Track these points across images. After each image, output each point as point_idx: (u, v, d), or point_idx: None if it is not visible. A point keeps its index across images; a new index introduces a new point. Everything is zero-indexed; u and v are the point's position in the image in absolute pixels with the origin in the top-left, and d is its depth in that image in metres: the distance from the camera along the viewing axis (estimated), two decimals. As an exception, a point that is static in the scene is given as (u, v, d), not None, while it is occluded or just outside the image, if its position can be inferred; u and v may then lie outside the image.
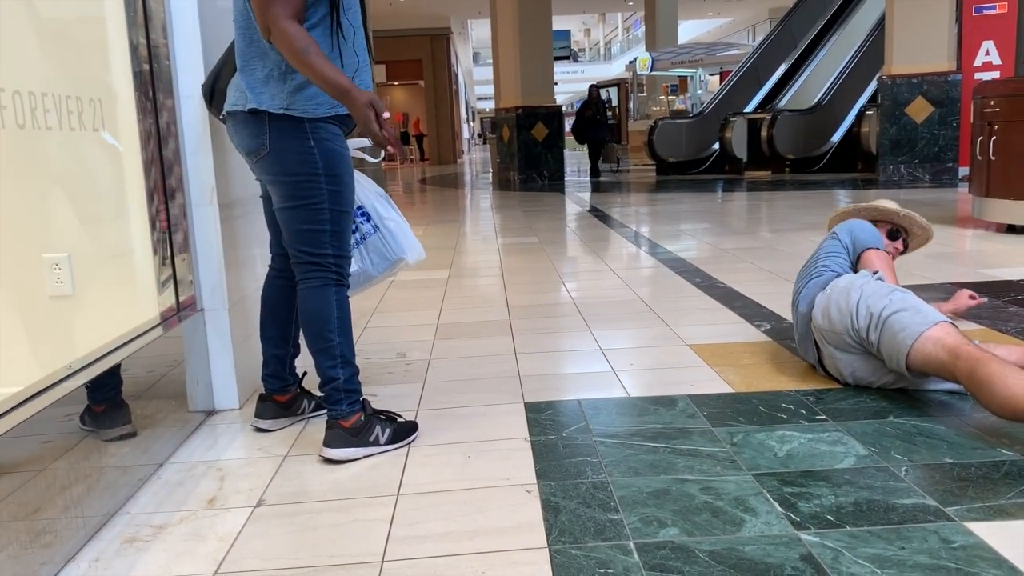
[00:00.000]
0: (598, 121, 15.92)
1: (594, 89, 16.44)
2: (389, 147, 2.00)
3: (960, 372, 2.17)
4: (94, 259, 2.24)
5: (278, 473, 2.11)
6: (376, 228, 2.51)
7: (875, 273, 2.62)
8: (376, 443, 2.19)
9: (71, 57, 2.15)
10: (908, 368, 2.34)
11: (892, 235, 3.04)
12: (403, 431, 2.27)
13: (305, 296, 2.17)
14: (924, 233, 3.09)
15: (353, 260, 2.42)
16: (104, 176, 2.33)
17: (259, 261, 2.95)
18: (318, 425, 2.35)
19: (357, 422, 2.17)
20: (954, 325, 2.32)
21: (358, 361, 2.26)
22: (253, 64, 2.08)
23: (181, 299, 2.49)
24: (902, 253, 3.08)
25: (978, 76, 9.51)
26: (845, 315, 2.51)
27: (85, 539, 1.77)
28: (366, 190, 2.50)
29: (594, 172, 15.76)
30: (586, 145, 16.32)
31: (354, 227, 2.44)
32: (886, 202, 3.11)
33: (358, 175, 2.40)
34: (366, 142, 2.37)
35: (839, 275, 2.69)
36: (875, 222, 3.03)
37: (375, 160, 2.47)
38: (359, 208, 2.48)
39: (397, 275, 2.58)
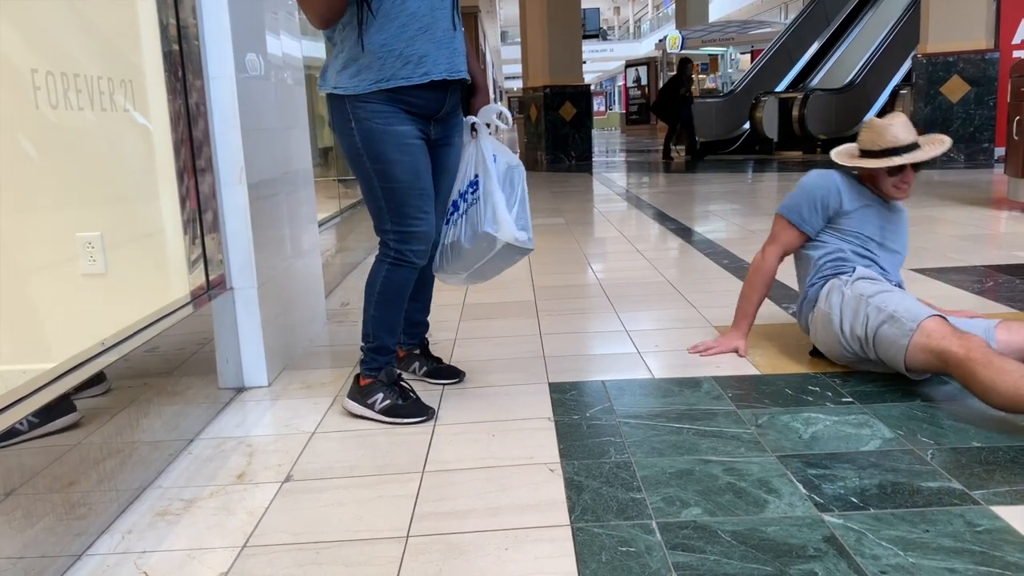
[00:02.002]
0: (688, 98, 13.82)
1: (687, 64, 14.42)
2: None
3: (954, 373, 2.16)
4: (126, 238, 2.28)
5: (306, 450, 2.14)
6: (478, 199, 2.37)
7: (851, 273, 2.54)
8: (371, 407, 2.32)
9: (102, 38, 2.18)
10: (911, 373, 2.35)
11: (893, 171, 2.61)
12: (404, 412, 2.30)
13: (373, 263, 2.34)
14: (936, 144, 2.62)
15: (450, 232, 2.41)
16: (135, 156, 2.36)
17: (288, 240, 2.98)
18: (343, 403, 2.40)
19: (368, 384, 2.34)
20: (941, 317, 2.27)
21: None
22: (327, 53, 2.24)
23: (211, 278, 2.53)
24: (919, 169, 2.66)
25: (1016, 55, 9.28)
26: (834, 342, 2.52)
27: (118, 512, 1.81)
28: (488, 159, 2.36)
29: (695, 152, 13.94)
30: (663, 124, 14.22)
31: (465, 199, 2.39)
32: (882, 134, 2.59)
33: (495, 143, 2.38)
34: (500, 108, 2.38)
35: (821, 284, 2.60)
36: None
37: (508, 127, 2.46)
38: (476, 178, 2.37)
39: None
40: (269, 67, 2.82)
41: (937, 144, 2.61)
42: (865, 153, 2.65)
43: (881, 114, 12.11)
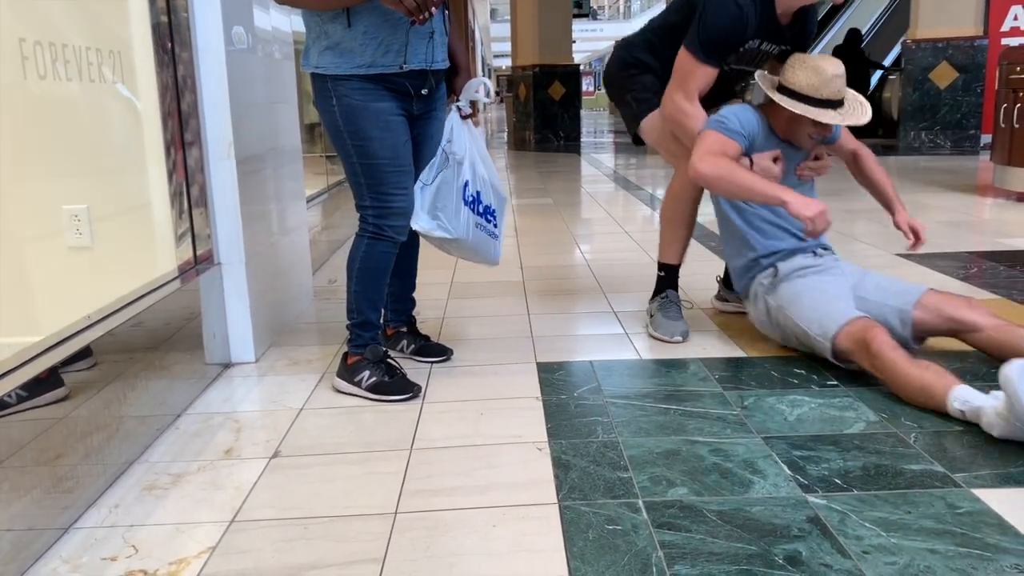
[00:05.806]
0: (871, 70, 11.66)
1: (857, 35, 11.82)
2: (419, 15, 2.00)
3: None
4: (113, 211, 2.26)
5: (294, 426, 2.15)
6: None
7: (771, 275, 2.60)
8: (358, 385, 2.32)
9: (90, 8, 2.15)
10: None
11: (820, 123, 2.51)
12: (390, 388, 2.30)
13: (354, 239, 2.35)
14: (859, 109, 2.49)
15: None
16: (122, 128, 2.34)
17: (275, 216, 2.96)
18: (333, 381, 2.40)
19: (355, 362, 2.34)
20: (855, 318, 2.30)
21: None
22: (307, 34, 2.22)
23: (198, 253, 2.51)
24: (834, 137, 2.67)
25: (1005, 42, 9.31)
26: (777, 336, 2.61)
27: (105, 486, 1.81)
28: (443, 142, 2.38)
29: None
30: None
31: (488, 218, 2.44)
32: (827, 83, 2.44)
33: (459, 132, 2.36)
34: (484, 80, 2.41)
35: (748, 281, 2.69)
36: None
37: (489, 100, 2.49)
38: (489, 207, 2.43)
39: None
40: (257, 41, 2.79)
41: (859, 110, 2.49)
42: (796, 95, 2.49)
43: (871, 99, 12.10)
